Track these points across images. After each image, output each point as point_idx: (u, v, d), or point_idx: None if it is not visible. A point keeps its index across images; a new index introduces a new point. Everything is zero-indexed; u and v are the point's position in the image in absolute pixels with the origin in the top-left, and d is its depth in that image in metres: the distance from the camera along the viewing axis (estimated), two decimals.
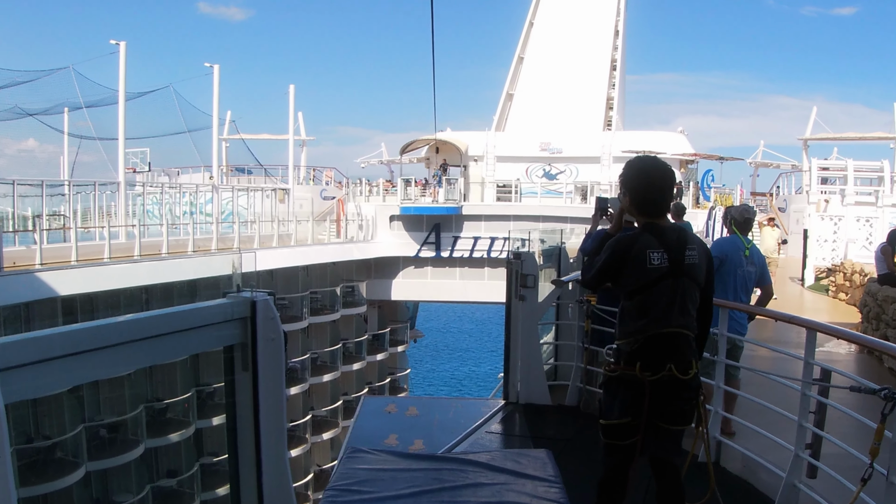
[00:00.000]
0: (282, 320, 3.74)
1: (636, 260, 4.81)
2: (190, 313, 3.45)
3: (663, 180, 5.00)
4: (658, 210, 5.00)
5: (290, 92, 47.36)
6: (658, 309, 4.80)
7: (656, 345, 4.80)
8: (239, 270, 5.90)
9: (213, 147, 42.13)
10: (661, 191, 5.00)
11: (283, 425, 3.83)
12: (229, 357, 3.68)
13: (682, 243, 4.92)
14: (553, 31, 57.06)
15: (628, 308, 4.92)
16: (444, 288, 46.87)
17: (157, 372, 30.20)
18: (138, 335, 3.15)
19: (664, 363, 4.77)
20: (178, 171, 50.97)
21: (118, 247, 28.09)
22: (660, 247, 4.83)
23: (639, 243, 4.84)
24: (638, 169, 5.07)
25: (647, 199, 4.99)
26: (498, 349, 40.69)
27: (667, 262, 4.82)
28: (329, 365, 41.69)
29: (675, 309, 4.82)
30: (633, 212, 5.06)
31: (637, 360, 4.81)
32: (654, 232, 4.89)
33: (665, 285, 4.81)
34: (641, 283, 4.81)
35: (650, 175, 5.01)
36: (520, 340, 10.44)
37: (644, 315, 4.82)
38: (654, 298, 4.81)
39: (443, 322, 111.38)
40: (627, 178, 5.08)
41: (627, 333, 4.89)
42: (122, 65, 33.69)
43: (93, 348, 2.93)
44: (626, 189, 5.08)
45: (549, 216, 42.88)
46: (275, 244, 36.89)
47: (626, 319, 4.93)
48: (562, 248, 12.54)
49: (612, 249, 4.95)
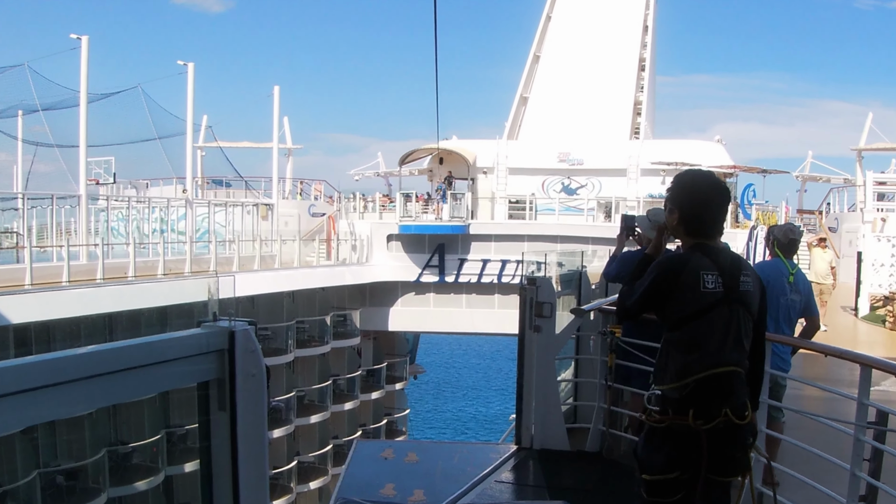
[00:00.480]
0: (264, 353, 3.75)
1: (689, 282, 4.77)
2: (159, 345, 3.46)
3: (719, 198, 5.01)
4: (711, 232, 4.98)
5: (275, 94, 47.35)
6: (711, 342, 4.76)
7: (710, 387, 4.74)
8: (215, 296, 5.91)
9: (186, 156, 42.07)
10: (715, 210, 5.00)
11: (265, 472, 3.83)
12: (204, 395, 3.69)
13: (737, 267, 4.91)
14: (573, 26, 57.22)
15: (675, 341, 4.87)
16: (448, 317, 46.83)
17: (121, 411, 30.09)
18: (101, 369, 3.16)
19: (720, 408, 4.71)
20: (146, 183, 50.99)
21: (78, 269, 28.10)
22: (714, 269, 4.79)
23: (692, 263, 4.81)
24: (690, 184, 5.06)
25: (699, 219, 4.98)
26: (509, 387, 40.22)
27: (721, 287, 4.78)
28: (317, 404, 41.61)
29: (728, 342, 4.78)
30: (680, 232, 5.07)
31: (689, 407, 4.74)
32: (706, 252, 4.86)
33: (719, 314, 4.77)
34: (693, 310, 4.77)
35: (704, 191, 5.00)
36: (534, 377, 10.43)
37: (695, 349, 4.77)
38: (706, 329, 4.77)
39: (447, 356, 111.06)
40: (677, 194, 5.06)
41: (675, 374, 4.82)
42: (84, 62, 33.68)
43: (49, 384, 2.94)
44: (675, 206, 5.06)
45: (569, 236, 42.89)
46: (256, 267, 36.91)
47: (673, 354, 4.87)
48: (582, 273, 12.55)
49: (661, 269, 4.92)
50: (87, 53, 33.50)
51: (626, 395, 10.40)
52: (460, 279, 45.66)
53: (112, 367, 3.20)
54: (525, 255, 14.77)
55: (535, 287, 10.32)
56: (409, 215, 45.57)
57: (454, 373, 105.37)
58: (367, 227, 45.57)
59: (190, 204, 39.08)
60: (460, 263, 45.57)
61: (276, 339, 38.37)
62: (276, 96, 46.74)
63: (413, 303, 46.63)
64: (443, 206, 46.07)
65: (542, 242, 42.10)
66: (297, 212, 46.00)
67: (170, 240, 35.83)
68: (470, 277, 45.53)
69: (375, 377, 47.21)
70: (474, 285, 45.82)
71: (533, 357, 10.41)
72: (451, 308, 46.54)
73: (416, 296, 46.59)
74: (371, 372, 46.98)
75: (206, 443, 3.72)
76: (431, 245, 45.39)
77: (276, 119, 46.63)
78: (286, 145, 52.82)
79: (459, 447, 11.52)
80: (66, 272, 26.53)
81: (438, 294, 46.54)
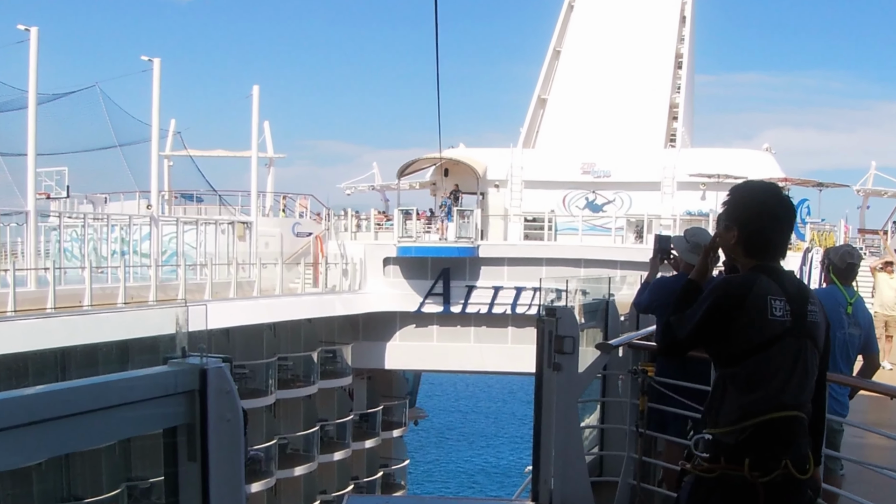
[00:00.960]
0: (241, 394, 3.76)
1: (755, 309, 4.69)
2: (119, 385, 3.47)
3: (785, 214, 4.99)
4: (775, 253, 4.96)
5: (254, 95, 47.51)
6: (776, 380, 4.68)
7: (770, 433, 4.67)
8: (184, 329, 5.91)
9: (151, 166, 42.14)
10: (781, 227, 4.97)
11: None
12: (171, 442, 3.69)
13: (805, 294, 4.90)
14: (599, 16, 57.48)
15: (733, 377, 4.78)
16: (454, 354, 46.84)
17: (75, 462, 30.10)
18: (51, 413, 3.16)
19: (779, 459, 4.64)
20: (105, 197, 51.10)
21: (26, 296, 28.16)
22: (782, 294, 4.75)
23: (758, 287, 4.74)
24: (751, 197, 5.00)
25: (762, 238, 4.93)
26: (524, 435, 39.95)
27: (789, 316, 4.72)
28: (303, 454, 41.56)
29: (793, 381, 4.72)
30: (738, 252, 5.01)
31: (745, 455, 4.64)
32: (771, 275, 4.82)
33: (786, 346, 4.71)
34: (758, 342, 4.68)
35: (769, 205, 4.95)
36: (554, 423, 10.41)
37: (756, 387, 4.69)
38: (770, 364, 4.69)
39: (452, 399, 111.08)
40: (737, 209, 5.01)
41: (731, 416, 4.73)
42: (34, 57, 33.81)
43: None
44: (733, 222, 5.00)
45: (594, 259, 42.97)
46: (232, 294, 36.98)
47: (730, 393, 4.79)
48: (610, 302, 12.54)
49: (722, 293, 4.83)
50: (37, 47, 33.63)
51: (659, 443, 10.39)
52: (468, 309, 45.68)
53: (65, 411, 3.20)
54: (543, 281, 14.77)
55: (554, 319, 10.30)
56: (409, 235, 45.58)
57: (461, 418, 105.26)
58: (361, 248, 45.67)
59: (155, 222, 39.17)
60: (468, 291, 45.60)
61: (255, 378, 38.37)
62: (255, 97, 46.92)
63: (413, 337, 46.64)
64: (448, 225, 46.13)
65: (563, 267, 42.21)
66: (280, 231, 46.11)
67: (132, 263, 35.94)
68: (479, 307, 45.56)
69: (370, 423, 47.17)
70: (484, 316, 45.84)
71: (552, 400, 10.39)
72: (458, 343, 46.53)
73: (417, 329, 46.60)
74: (365, 416, 46.96)
75: (173, 498, 3.72)
76: (435, 270, 45.42)
77: (256, 124, 46.84)
78: (267, 154, 53.00)
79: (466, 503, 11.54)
80: (12, 300, 26.57)
81: (443, 327, 46.56)
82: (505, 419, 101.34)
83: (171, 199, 50.19)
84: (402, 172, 51.30)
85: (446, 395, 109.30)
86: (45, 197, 41.45)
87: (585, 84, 54.64)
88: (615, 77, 53.97)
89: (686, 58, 57.55)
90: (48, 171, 42.74)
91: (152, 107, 41.24)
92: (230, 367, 3.74)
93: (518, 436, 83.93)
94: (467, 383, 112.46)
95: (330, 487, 43.12)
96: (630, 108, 52.90)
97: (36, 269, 32.67)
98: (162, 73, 40.90)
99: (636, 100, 53.48)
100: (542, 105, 56.88)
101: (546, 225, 47.44)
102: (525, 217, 48.54)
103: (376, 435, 47.06)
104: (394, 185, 53.87)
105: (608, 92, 53.29)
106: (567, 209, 49.14)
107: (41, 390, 3.15)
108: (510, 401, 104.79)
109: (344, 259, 44.82)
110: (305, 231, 47.17)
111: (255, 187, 46.86)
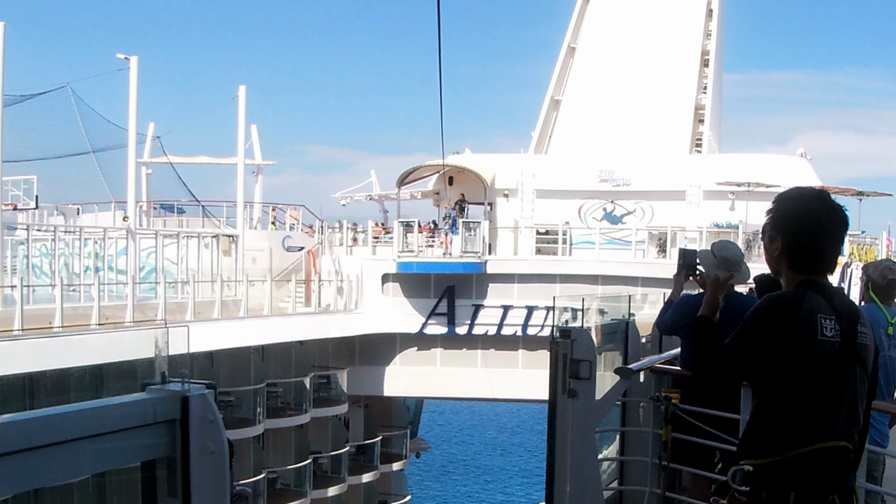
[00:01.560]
0: (227, 424, 3.76)
1: (804, 327, 4.63)
2: (93, 413, 3.47)
3: (836, 224, 4.89)
4: (823, 267, 4.89)
5: (240, 96, 47.41)
6: (825, 407, 4.64)
7: (818, 465, 4.61)
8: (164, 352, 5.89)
9: (128, 174, 42.07)
10: (831, 239, 4.88)
11: None
12: (150, 477, 3.69)
13: (855, 313, 4.84)
14: (618, 10, 57.56)
15: (777, 403, 4.73)
16: (459, 379, 46.85)
17: (45, 499, 30.01)
18: (18, 444, 3.16)
19: (827, 493, 4.61)
20: (77, 208, 51.05)
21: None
22: (832, 312, 4.69)
23: (808, 304, 4.67)
24: (800, 204, 4.92)
25: (810, 250, 4.85)
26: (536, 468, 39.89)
27: (839, 337, 4.66)
28: (294, 489, 41.55)
29: (843, 409, 4.67)
30: (783, 264, 4.95)
31: (791, 488, 4.59)
32: (820, 291, 4.76)
33: (836, 371, 4.65)
34: (807, 364, 4.62)
35: (818, 214, 4.85)
36: (569, 455, 10.41)
37: (804, 416, 4.64)
38: (819, 389, 4.64)
39: (457, 428, 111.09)
40: (783, 218, 4.94)
41: (775, 445, 4.67)
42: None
43: None
44: (778, 232, 4.93)
45: (612, 276, 43.10)
46: (216, 315, 37.00)
47: (774, 420, 4.74)
48: (630, 323, 12.56)
49: (770, 312, 4.76)
50: (3, 43, 33.66)
51: (685, 477, 10.39)
52: (475, 331, 45.71)
53: (33, 443, 3.20)
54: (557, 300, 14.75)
55: (569, 341, 10.29)
56: (410, 250, 45.59)
57: (466, 450, 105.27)
58: (357, 264, 45.75)
59: (132, 235, 39.16)
60: (475, 311, 45.62)
61: (242, 406, 38.41)
62: (241, 99, 46.80)
63: (415, 361, 46.68)
64: (453, 238, 46.09)
65: (579, 284, 42.22)
66: (269, 245, 46.11)
67: (107, 280, 35.91)
68: (487, 329, 45.57)
69: (367, 455, 47.18)
70: (492, 339, 45.87)
71: (567, 429, 10.38)
72: (463, 367, 46.57)
73: (419, 352, 46.64)
74: (361, 448, 46.95)
75: None
76: (438, 287, 45.46)
77: (242, 128, 46.76)
78: (254, 161, 53.10)
79: None
80: None
81: (447, 350, 46.60)
82: (515, 451, 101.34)
83: (150, 210, 50.17)
84: (403, 181, 51.33)
85: (451, 424, 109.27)
86: (11, 208, 41.44)
87: (603, 84, 54.73)
88: (635, 76, 54.05)
89: (713, 55, 57.65)
90: (15, 179, 42.62)
91: (129, 109, 41.04)
92: (214, 394, 3.74)
93: (529, 469, 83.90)
94: (474, 412, 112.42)
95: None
96: (652, 110, 52.97)
97: (2, 286, 32.71)
98: (139, 73, 40.71)
99: (658, 101, 53.54)
100: (555, 107, 56.97)
101: (560, 238, 47.38)
102: (537, 229, 48.51)
103: (374, 468, 47.05)
104: (393, 194, 53.78)
105: (628, 92, 53.38)
106: (583, 221, 49.12)
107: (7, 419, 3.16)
108: (520, 431, 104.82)
109: (339, 276, 44.85)
110: (296, 245, 47.16)
111: (241, 197, 46.73)
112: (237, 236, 44.45)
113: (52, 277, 34.58)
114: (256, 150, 53.50)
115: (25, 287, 30.58)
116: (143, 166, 48.62)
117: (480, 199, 49.35)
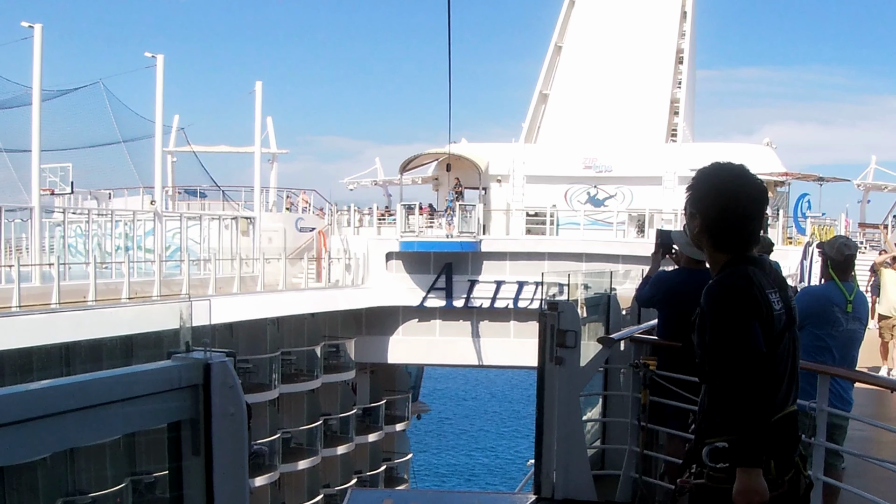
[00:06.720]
0: (245, 389, 3.75)
1: (763, 307, 4.39)
2: (124, 379, 3.46)
3: (754, 197, 4.55)
4: (745, 242, 4.56)
5: (257, 91, 47.33)
6: (785, 376, 4.50)
7: (783, 432, 4.46)
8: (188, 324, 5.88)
9: (155, 162, 41.96)
10: (750, 214, 4.55)
11: None
12: (175, 437, 3.69)
13: (784, 280, 4.72)
14: (601, 11, 57.30)
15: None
16: (456, 348, 46.80)
17: (80, 457, 30.03)
18: (56, 408, 3.15)
19: (791, 457, 4.51)
20: (109, 193, 50.94)
21: (31, 292, 28.13)
22: (773, 285, 4.50)
23: (756, 280, 4.43)
24: (715, 180, 4.60)
25: (729, 226, 4.53)
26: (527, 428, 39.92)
27: (784, 308, 4.49)
28: (306, 448, 41.61)
29: (795, 375, 4.57)
30: (704, 242, 4.65)
31: (770, 457, 4.36)
32: (757, 265, 4.52)
33: (786, 341, 4.50)
34: (769, 342, 4.37)
35: (734, 190, 4.52)
36: (556, 417, 10.41)
37: (769, 388, 4.39)
38: (779, 361, 4.47)
39: (455, 393, 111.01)
40: (700, 194, 4.61)
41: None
42: (38, 54, 33.70)
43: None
44: (696, 210, 4.62)
45: (595, 254, 42.97)
46: (236, 290, 36.94)
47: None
48: (611, 297, 12.54)
49: (733, 298, 4.40)
50: (41, 43, 33.56)
51: (661, 437, 10.38)
52: (470, 304, 45.61)
53: (69, 406, 3.20)
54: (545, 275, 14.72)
55: (556, 313, 10.28)
56: (412, 230, 45.49)
57: (463, 412, 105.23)
58: (364, 243, 45.64)
59: (159, 217, 39.09)
60: (470, 286, 45.53)
61: (259, 372, 38.32)
62: (258, 93, 46.76)
63: (416, 331, 46.61)
64: (451, 220, 45.94)
65: (565, 261, 42.11)
66: (283, 226, 46.00)
67: (136, 258, 35.87)
68: (482, 302, 45.49)
69: (373, 417, 47.22)
70: (486, 311, 45.80)
71: (554, 393, 10.38)
72: (460, 337, 46.49)
73: (420, 323, 46.56)
74: (368, 411, 47.00)
75: (177, 492, 3.71)
76: (437, 264, 45.35)
77: (259, 119, 46.73)
78: (270, 150, 52.90)
79: (470, 497, 11.52)
80: (17, 296, 26.54)
81: (445, 321, 46.53)
82: (507, 413, 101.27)
83: (175, 194, 50.12)
84: (405, 168, 51.13)
85: (449, 389, 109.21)
86: (49, 193, 41.34)
87: (587, 79, 54.51)
88: (616, 72, 53.86)
89: (687, 53, 57.41)
90: (52, 167, 42.54)
91: (156, 103, 40.94)
92: (233, 361, 3.74)
93: (520, 430, 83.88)
94: (469, 377, 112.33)
95: (333, 481, 43.11)
96: (631, 103, 52.81)
97: (40, 264, 32.61)
98: (165, 70, 40.61)
99: (637, 95, 53.37)
100: (543, 100, 56.73)
101: (548, 220, 47.34)
102: (527, 212, 48.46)
103: (379, 429, 47.10)
104: (396, 180, 53.55)
105: (609, 87, 53.19)
106: (569, 204, 49.02)
107: (46, 385, 3.15)
108: (512, 395, 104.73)
109: (347, 254, 44.79)
110: (308, 226, 47.03)
111: (258, 183, 46.69)
112: (254, 218, 44.38)
113: (86, 256, 34.48)
114: (272, 139, 53.31)
115: (62, 265, 30.50)
116: (168, 155, 48.46)
117: (475, 185, 49.23)
